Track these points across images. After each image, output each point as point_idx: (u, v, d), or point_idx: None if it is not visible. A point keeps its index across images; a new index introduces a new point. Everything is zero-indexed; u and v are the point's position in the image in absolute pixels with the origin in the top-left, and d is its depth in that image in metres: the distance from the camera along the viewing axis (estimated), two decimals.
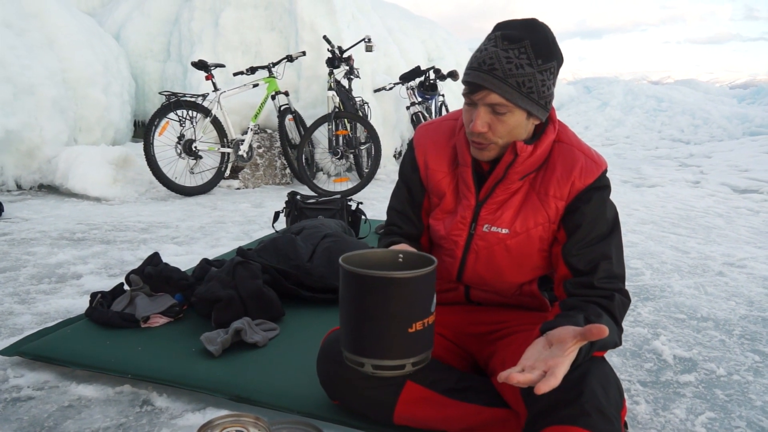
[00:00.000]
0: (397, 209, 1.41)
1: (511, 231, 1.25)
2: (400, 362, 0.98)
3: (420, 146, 1.36)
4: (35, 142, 4.49)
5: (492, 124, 1.15)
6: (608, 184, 1.25)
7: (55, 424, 1.39)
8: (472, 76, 1.13)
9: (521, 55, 1.09)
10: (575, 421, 0.96)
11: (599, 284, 1.17)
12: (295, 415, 1.40)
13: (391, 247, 1.20)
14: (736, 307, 2.38)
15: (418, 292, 0.97)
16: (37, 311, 2.08)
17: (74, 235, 3.21)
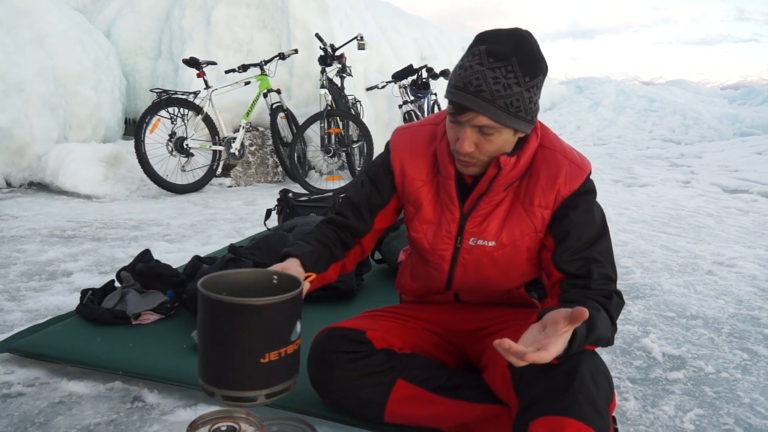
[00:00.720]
0: (352, 201, 1.37)
1: (497, 243, 1.25)
2: (252, 394, 0.90)
3: (396, 151, 1.32)
4: (25, 140, 4.45)
5: (479, 143, 1.13)
6: (593, 187, 1.24)
7: (45, 420, 1.38)
8: (458, 96, 1.09)
9: (509, 75, 1.05)
10: (566, 411, 0.96)
11: (596, 286, 1.16)
12: (286, 412, 1.40)
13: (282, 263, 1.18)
14: (725, 305, 2.40)
15: (272, 320, 0.89)
16: (27, 308, 2.06)
17: (65, 232, 3.19)
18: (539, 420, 0.98)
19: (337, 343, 1.32)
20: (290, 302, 0.91)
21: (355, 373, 1.28)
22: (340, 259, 1.35)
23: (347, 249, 1.37)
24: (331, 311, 2.02)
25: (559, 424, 0.96)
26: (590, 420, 0.96)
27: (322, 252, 1.28)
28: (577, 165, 1.21)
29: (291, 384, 0.96)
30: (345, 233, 1.36)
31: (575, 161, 1.22)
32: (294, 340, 0.93)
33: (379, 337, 1.34)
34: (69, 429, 1.34)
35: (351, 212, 1.36)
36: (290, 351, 0.92)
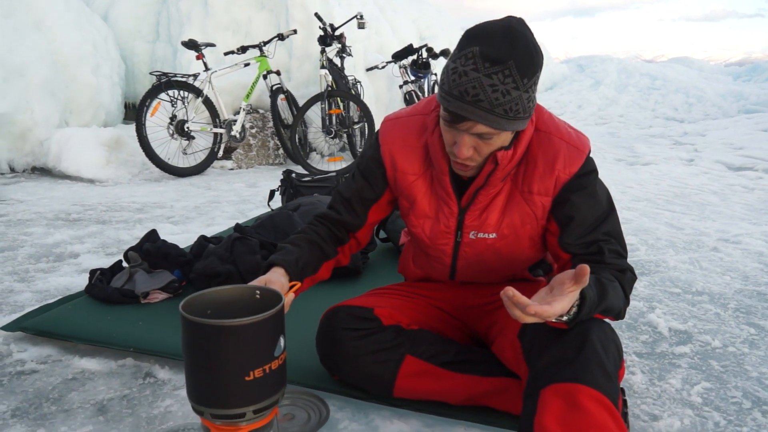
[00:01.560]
0: (344, 196, 1.34)
1: (498, 235, 1.23)
2: (240, 411, 0.92)
3: (386, 144, 1.28)
4: (27, 125, 4.44)
5: (477, 147, 1.10)
6: (594, 166, 1.20)
7: (59, 395, 1.40)
8: (454, 106, 1.04)
9: (506, 79, 1.00)
10: (577, 378, 0.97)
11: (609, 261, 1.15)
12: (295, 386, 1.42)
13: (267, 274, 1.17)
14: (731, 281, 2.41)
15: (253, 339, 0.90)
16: (36, 289, 2.08)
17: (69, 215, 3.20)
18: (550, 387, 0.99)
19: (345, 320, 1.33)
20: (270, 320, 0.92)
21: (363, 350, 1.29)
22: (332, 257, 1.35)
23: (341, 244, 1.36)
24: (337, 290, 2.03)
25: (571, 391, 0.96)
26: (601, 386, 0.96)
27: (311, 254, 1.28)
28: (575, 146, 1.17)
29: (279, 397, 0.97)
30: (338, 229, 1.35)
31: (573, 142, 1.17)
32: (278, 356, 0.94)
33: (386, 314, 1.35)
34: (83, 404, 1.36)
35: (343, 207, 1.34)
36: (275, 367, 0.93)
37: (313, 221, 1.36)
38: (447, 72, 1.06)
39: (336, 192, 1.37)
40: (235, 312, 0.96)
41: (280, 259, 1.22)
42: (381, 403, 1.34)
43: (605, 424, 0.93)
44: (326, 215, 1.35)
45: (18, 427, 1.26)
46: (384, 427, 1.30)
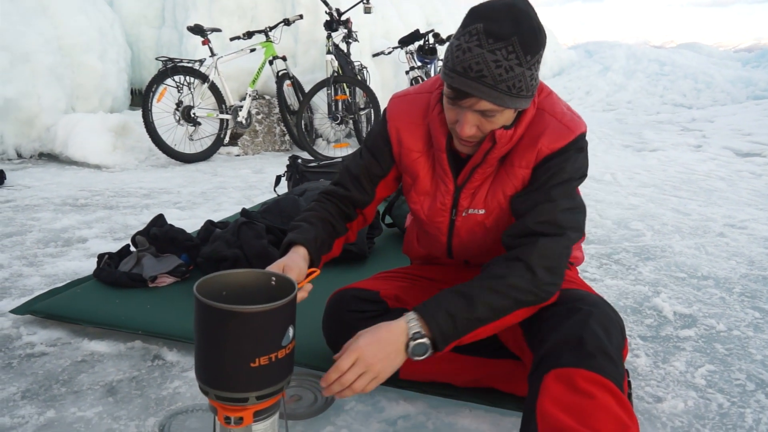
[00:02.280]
0: (352, 172, 1.33)
1: (486, 210, 1.24)
2: (242, 395, 0.92)
3: (393, 121, 1.28)
4: (33, 111, 4.46)
5: (480, 125, 1.10)
6: (580, 146, 1.17)
7: (69, 377, 1.42)
8: (457, 82, 1.04)
9: (510, 55, 1.00)
10: (578, 363, 0.98)
11: (533, 227, 1.11)
12: (302, 368, 1.43)
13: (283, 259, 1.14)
14: (736, 266, 2.40)
15: (263, 327, 0.90)
16: (45, 273, 2.10)
17: (77, 201, 3.22)
18: (552, 372, 0.99)
19: (351, 303, 1.34)
20: (281, 309, 0.91)
21: None
22: (343, 234, 1.34)
23: (349, 221, 1.36)
24: (343, 274, 2.04)
25: (572, 376, 0.97)
26: (603, 369, 0.97)
27: (325, 232, 1.27)
28: (565, 125, 1.15)
29: (284, 384, 0.98)
30: (347, 205, 1.34)
31: (564, 121, 1.15)
32: (285, 345, 0.94)
33: (392, 297, 1.36)
34: (93, 386, 1.38)
35: (352, 184, 1.33)
36: (281, 356, 0.93)
37: (321, 198, 1.34)
38: (451, 49, 1.06)
39: (343, 168, 1.36)
40: (249, 296, 0.97)
41: (301, 238, 1.21)
42: (387, 384, 1.34)
43: (608, 407, 0.93)
44: (334, 192, 1.34)
45: (28, 408, 1.28)
46: (390, 409, 1.32)
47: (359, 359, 1.01)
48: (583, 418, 0.92)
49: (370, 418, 1.28)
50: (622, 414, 0.93)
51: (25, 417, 1.25)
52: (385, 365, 1.02)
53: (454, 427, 1.26)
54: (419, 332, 1.04)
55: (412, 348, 1.03)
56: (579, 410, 0.93)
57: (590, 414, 0.92)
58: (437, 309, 1.04)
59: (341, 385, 1.00)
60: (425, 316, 1.04)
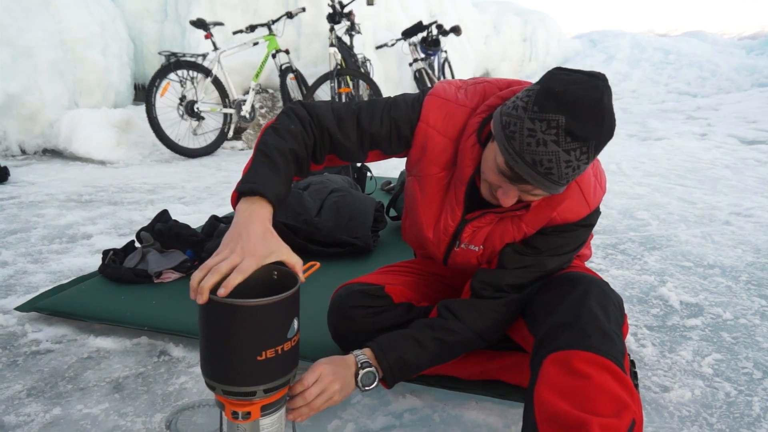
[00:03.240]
0: (363, 127, 1.16)
1: (483, 248, 1.24)
2: (250, 389, 0.92)
3: (426, 122, 1.17)
4: (36, 106, 4.45)
5: (522, 196, 1.08)
6: (592, 222, 1.19)
7: (75, 374, 1.42)
8: (522, 170, 0.98)
9: (582, 156, 0.95)
10: (576, 344, 0.97)
11: (507, 289, 1.18)
12: (309, 362, 1.43)
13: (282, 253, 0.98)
14: (742, 254, 2.39)
15: (267, 320, 0.90)
16: (50, 270, 2.10)
17: (81, 197, 3.23)
18: (549, 357, 0.99)
19: (356, 298, 1.33)
20: (285, 302, 0.91)
21: (375, 327, 1.30)
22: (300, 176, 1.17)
23: (315, 163, 1.20)
24: (347, 267, 2.04)
25: (568, 358, 0.96)
26: (599, 348, 0.96)
27: (289, 176, 1.08)
28: (585, 199, 1.14)
29: (291, 377, 0.98)
30: (329, 149, 1.18)
31: (586, 193, 1.14)
32: (291, 338, 0.94)
33: (397, 292, 1.35)
34: (99, 382, 1.39)
35: (357, 138, 1.17)
36: (287, 348, 0.93)
37: (311, 126, 1.14)
38: (521, 130, 0.96)
39: (352, 112, 1.18)
40: (252, 290, 0.97)
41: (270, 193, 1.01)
42: None
43: (605, 386, 0.92)
44: (330, 131, 1.15)
45: (34, 406, 1.28)
46: (396, 402, 1.32)
47: (321, 375, 1.05)
48: (579, 401, 0.91)
49: (377, 411, 1.28)
50: (621, 392, 0.92)
51: (31, 415, 1.25)
52: (339, 386, 1.07)
53: (460, 420, 1.26)
54: (367, 362, 1.12)
55: (361, 376, 1.10)
56: (575, 393, 0.92)
57: (586, 395, 0.91)
58: (388, 349, 1.14)
59: (304, 399, 1.02)
60: (376, 352, 1.13)
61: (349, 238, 2.11)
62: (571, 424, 0.89)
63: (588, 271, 1.26)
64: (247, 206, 0.99)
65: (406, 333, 1.17)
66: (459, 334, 1.17)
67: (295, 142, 1.10)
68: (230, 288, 0.87)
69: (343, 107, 1.19)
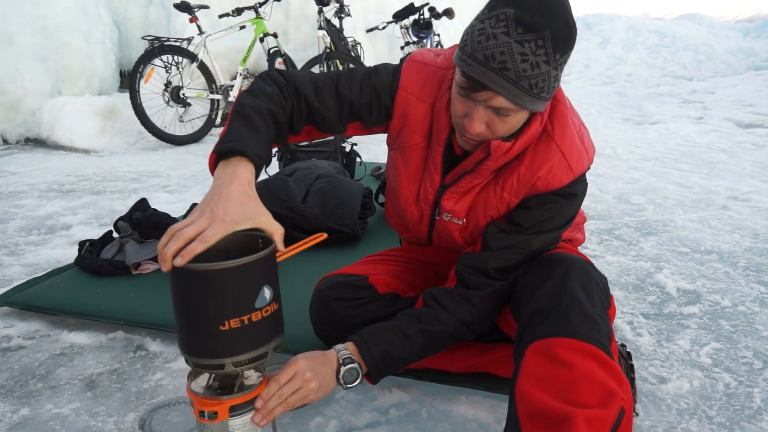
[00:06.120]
0: (343, 95, 1.10)
1: (466, 221, 1.17)
2: (217, 361, 0.85)
3: (405, 91, 1.12)
4: (18, 94, 4.34)
5: (491, 123, 0.99)
6: (577, 191, 1.11)
7: (47, 371, 1.36)
8: (475, 71, 0.92)
9: (538, 50, 0.89)
10: (557, 331, 0.91)
11: (493, 273, 1.10)
12: (291, 355, 1.37)
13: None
14: (740, 239, 2.33)
15: (228, 286, 0.83)
16: (26, 262, 2.03)
17: (63, 186, 3.14)
18: (531, 347, 0.93)
19: (338, 290, 1.27)
20: (248, 268, 0.84)
21: (359, 320, 1.24)
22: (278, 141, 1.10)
23: (291, 134, 1.13)
24: (334, 256, 1.97)
25: (549, 346, 0.90)
26: (582, 333, 0.90)
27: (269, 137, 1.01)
28: (568, 163, 1.06)
29: (265, 351, 0.89)
30: (306, 118, 1.11)
31: (569, 157, 1.06)
32: (260, 308, 0.86)
33: (382, 282, 1.29)
34: (71, 380, 1.32)
35: (336, 107, 1.11)
36: (256, 319, 0.86)
37: (287, 90, 1.08)
38: (472, 32, 0.93)
39: (331, 80, 1.12)
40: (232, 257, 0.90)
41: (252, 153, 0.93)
42: None
43: (589, 374, 0.86)
44: (309, 98, 1.08)
45: (1, 406, 1.22)
46: (383, 397, 1.26)
47: (297, 372, 0.97)
48: (562, 392, 0.85)
49: (361, 407, 1.22)
50: (608, 379, 0.86)
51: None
52: (317, 385, 0.99)
53: (449, 415, 1.20)
54: (350, 358, 1.04)
55: (343, 373, 1.02)
56: (557, 383, 0.86)
57: (569, 386, 0.85)
58: (373, 342, 1.05)
59: (279, 397, 0.94)
60: (360, 346, 1.05)
61: (336, 225, 2.04)
62: (554, 417, 0.83)
63: (574, 252, 1.19)
64: (226, 167, 0.91)
65: (391, 325, 1.10)
66: (447, 324, 1.10)
67: (272, 103, 1.04)
68: (188, 257, 0.80)
69: (322, 76, 1.13)
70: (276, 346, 0.92)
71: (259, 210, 0.88)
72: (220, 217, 0.84)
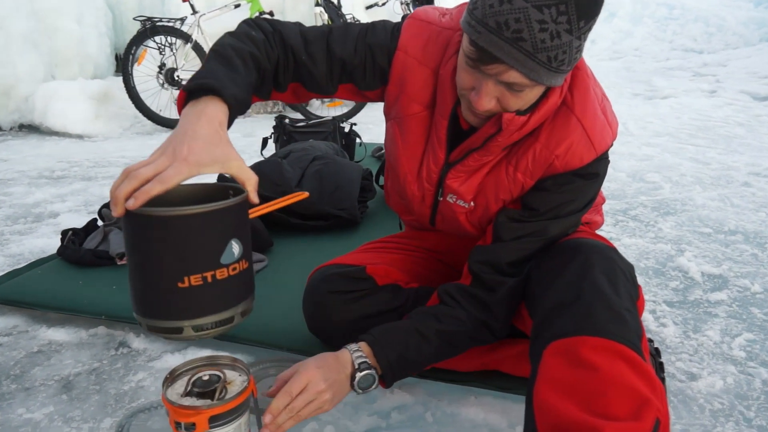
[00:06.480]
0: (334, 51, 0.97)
1: (474, 205, 1.05)
2: (175, 324, 0.75)
3: (404, 52, 0.98)
4: (9, 80, 4.21)
5: (501, 98, 0.87)
6: (599, 170, 0.98)
7: (22, 371, 1.26)
8: (485, 40, 0.79)
9: (560, 17, 0.76)
10: (579, 328, 0.80)
11: (506, 268, 0.99)
12: (284, 352, 1.26)
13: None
14: (766, 218, 2.19)
15: (188, 236, 0.72)
16: (9, 253, 1.93)
17: (53, 173, 3.03)
18: (550, 347, 0.82)
19: (333, 282, 1.15)
20: (212, 216, 0.72)
21: (356, 314, 1.13)
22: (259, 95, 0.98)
23: (277, 89, 1.00)
24: (330, 242, 1.86)
25: (572, 346, 0.79)
26: (608, 330, 0.78)
27: (249, 81, 0.88)
28: (590, 139, 0.93)
29: (229, 315, 0.77)
30: (293, 73, 0.98)
31: (591, 133, 0.93)
32: (227, 264, 0.75)
33: (381, 272, 1.17)
34: (46, 381, 1.22)
35: (326, 64, 0.98)
36: (221, 276, 0.74)
37: (273, 39, 0.95)
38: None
39: (322, 35, 0.99)
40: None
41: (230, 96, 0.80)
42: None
43: (620, 378, 0.75)
44: (296, 53, 0.96)
45: None
46: (383, 399, 1.15)
47: (310, 384, 0.87)
48: (588, 400, 0.74)
49: (360, 410, 1.11)
50: (640, 384, 0.74)
51: None
52: (331, 396, 0.90)
53: (457, 419, 1.09)
54: (366, 362, 0.93)
55: (359, 380, 0.93)
56: (581, 390, 0.75)
57: (595, 393, 0.74)
58: (388, 344, 0.96)
59: (291, 411, 0.84)
60: (374, 348, 0.96)
61: (333, 209, 1.92)
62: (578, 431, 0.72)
63: (594, 237, 1.07)
64: (195, 106, 0.78)
65: (406, 325, 0.99)
66: (465, 324, 1.00)
67: (256, 48, 0.91)
68: (143, 199, 0.68)
69: (313, 29, 1.00)
70: (244, 311, 0.80)
71: (230, 154, 0.75)
72: (183, 156, 0.71)
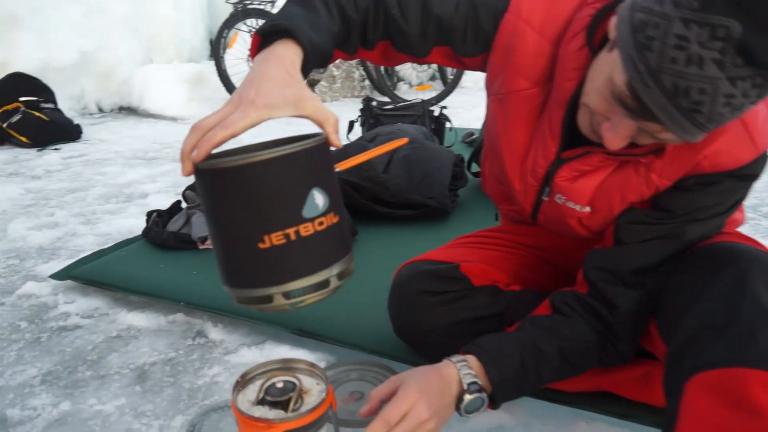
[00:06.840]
0: (432, 9, 0.82)
1: (592, 210, 0.87)
2: (262, 292, 0.64)
3: (516, 16, 0.82)
4: (110, 63, 4.41)
5: (636, 137, 0.73)
6: (758, 171, 0.79)
7: (99, 357, 1.23)
8: (654, 100, 0.64)
9: (751, 91, 0.61)
10: (735, 357, 0.63)
11: (630, 277, 0.83)
12: (366, 354, 1.15)
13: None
14: None
15: (261, 188, 0.61)
16: (99, 232, 1.95)
17: (147, 154, 3.11)
18: (695, 379, 0.66)
19: (423, 281, 1.02)
20: (287, 162, 0.61)
21: (448, 320, 0.99)
22: (344, 53, 0.87)
23: (365, 47, 0.87)
24: (418, 236, 1.73)
25: (728, 381, 0.63)
26: None
27: (331, 29, 0.79)
28: (750, 135, 0.75)
29: (324, 278, 0.65)
30: (382, 30, 0.85)
31: (751, 128, 0.75)
32: (311, 218, 0.63)
33: (477, 271, 1.02)
34: (121, 369, 1.18)
35: (419, 21, 0.83)
36: (305, 233, 0.62)
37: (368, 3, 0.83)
38: (665, 37, 0.61)
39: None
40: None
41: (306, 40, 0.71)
42: None
43: None
44: (387, 6, 0.83)
45: (43, 397, 1.09)
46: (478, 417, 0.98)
47: (412, 412, 0.74)
48: None
49: (450, 429, 0.97)
50: None
51: (37, 409, 1.06)
52: (437, 423, 0.77)
53: None
54: (476, 383, 0.79)
55: (467, 404, 0.79)
56: None
57: None
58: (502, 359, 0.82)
59: None
60: (486, 363, 0.81)
61: (422, 198, 1.78)
62: None
63: (743, 240, 0.86)
64: (265, 50, 0.69)
65: (520, 337, 0.85)
66: (591, 342, 0.85)
67: None
68: (205, 148, 0.59)
69: None
70: (341, 273, 0.67)
71: (304, 93, 0.65)
72: (250, 100, 0.62)
